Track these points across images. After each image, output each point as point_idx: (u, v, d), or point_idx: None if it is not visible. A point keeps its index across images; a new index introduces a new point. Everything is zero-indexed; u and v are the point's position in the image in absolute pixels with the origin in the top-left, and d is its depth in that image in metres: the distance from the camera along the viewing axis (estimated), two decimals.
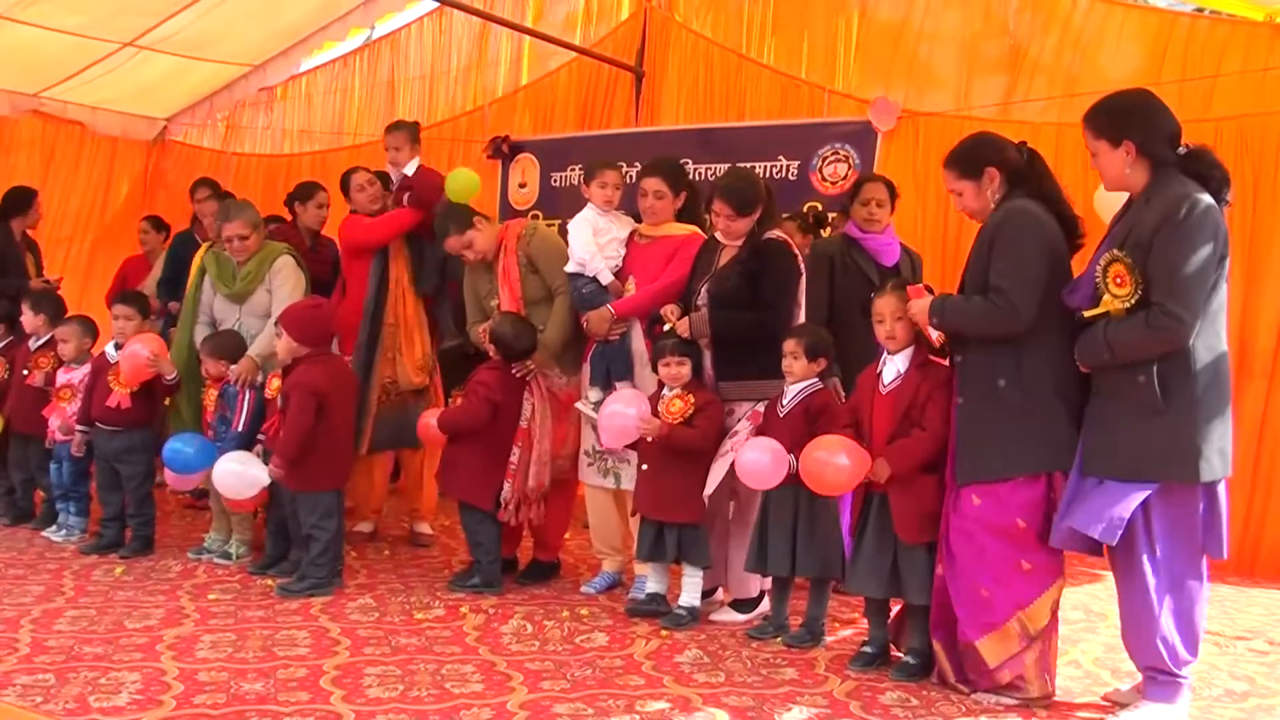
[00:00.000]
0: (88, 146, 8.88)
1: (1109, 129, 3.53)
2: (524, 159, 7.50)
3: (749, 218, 4.57)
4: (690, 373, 4.54)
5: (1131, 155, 3.49)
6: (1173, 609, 3.47)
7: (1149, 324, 3.34)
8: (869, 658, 3.99)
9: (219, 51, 8.28)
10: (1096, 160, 3.60)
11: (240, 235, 5.46)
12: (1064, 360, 3.60)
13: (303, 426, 4.75)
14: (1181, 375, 3.38)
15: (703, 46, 7.76)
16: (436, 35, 8.79)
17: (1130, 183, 3.55)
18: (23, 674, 3.63)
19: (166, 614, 4.40)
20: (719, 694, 3.66)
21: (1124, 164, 3.51)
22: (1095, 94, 5.83)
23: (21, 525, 5.90)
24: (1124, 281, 3.37)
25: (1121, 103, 3.62)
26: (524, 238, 5.12)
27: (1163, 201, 3.40)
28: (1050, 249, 3.64)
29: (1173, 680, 3.52)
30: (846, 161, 6.54)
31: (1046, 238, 3.65)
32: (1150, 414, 3.37)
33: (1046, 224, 3.66)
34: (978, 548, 3.64)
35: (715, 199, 4.60)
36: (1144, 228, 3.39)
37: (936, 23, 7.10)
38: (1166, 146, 3.49)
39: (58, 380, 5.71)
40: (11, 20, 7.12)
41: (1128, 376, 3.41)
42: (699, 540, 4.52)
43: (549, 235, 5.26)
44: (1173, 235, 3.34)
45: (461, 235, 5.08)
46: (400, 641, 4.14)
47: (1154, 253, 3.35)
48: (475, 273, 5.26)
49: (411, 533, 5.99)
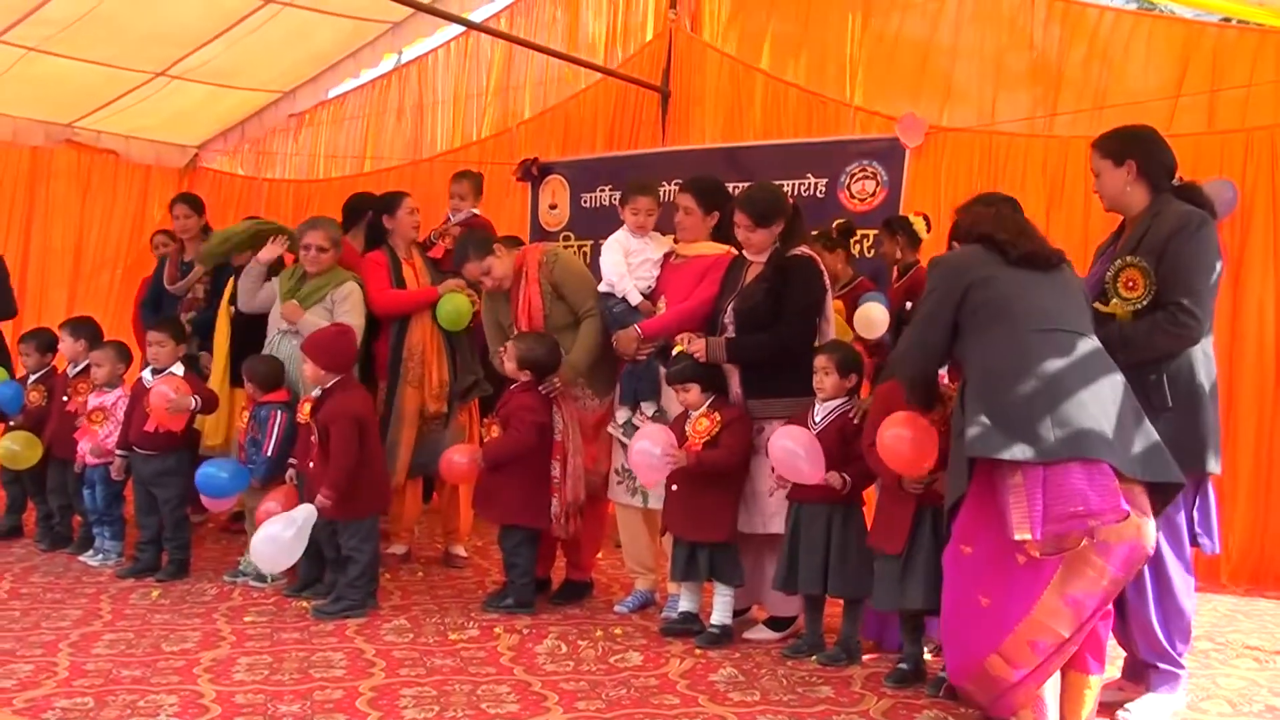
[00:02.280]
0: (122, 175, 8.99)
1: (1114, 148, 3.78)
2: (554, 180, 7.54)
3: (768, 229, 4.57)
4: (700, 394, 4.55)
5: (1132, 174, 3.72)
6: (1165, 600, 3.61)
7: (1169, 323, 3.54)
8: (904, 674, 3.97)
9: (249, 79, 8.39)
10: (1099, 181, 3.82)
11: (319, 246, 5.45)
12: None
13: (349, 456, 4.78)
14: (1187, 375, 3.59)
15: (728, 65, 7.78)
16: (463, 59, 8.86)
17: (1128, 201, 3.76)
18: (62, 697, 3.65)
19: (203, 637, 4.43)
20: (754, 712, 3.65)
21: (1124, 181, 3.74)
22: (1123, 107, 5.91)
23: (59, 550, 5.95)
24: (1136, 286, 3.57)
25: (1130, 129, 3.87)
26: (545, 265, 5.09)
27: (1174, 214, 3.62)
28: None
29: (1174, 670, 3.67)
30: (874, 178, 6.54)
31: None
32: (1159, 411, 3.49)
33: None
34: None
35: (735, 210, 4.63)
36: (1156, 237, 3.60)
37: (963, 38, 7.09)
38: (1163, 174, 3.74)
39: (89, 404, 5.77)
40: (45, 52, 7.24)
41: (1137, 375, 3.48)
42: (730, 559, 4.52)
43: (571, 261, 5.26)
44: (1189, 242, 3.57)
45: (480, 262, 5.08)
46: (435, 662, 4.14)
47: (1168, 258, 3.56)
48: (495, 300, 5.26)
49: (445, 554, 6.00)
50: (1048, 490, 3.16)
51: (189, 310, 6.35)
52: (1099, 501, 3.12)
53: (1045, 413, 3.23)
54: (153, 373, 5.55)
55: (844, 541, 4.24)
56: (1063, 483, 3.15)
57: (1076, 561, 3.22)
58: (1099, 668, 3.43)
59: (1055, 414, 3.21)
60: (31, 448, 5.97)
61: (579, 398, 5.05)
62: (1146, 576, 3.57)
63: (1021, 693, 3.36)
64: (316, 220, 5.67)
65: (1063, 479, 3.15)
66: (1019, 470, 3.21)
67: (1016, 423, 3.24)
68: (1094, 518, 3.13)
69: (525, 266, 5.12)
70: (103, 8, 6.81)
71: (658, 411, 4.85)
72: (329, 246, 5.49)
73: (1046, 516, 3.15)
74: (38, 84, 7.66)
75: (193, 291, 6.43)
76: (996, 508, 3.33)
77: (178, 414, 5.31)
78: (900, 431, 3.80)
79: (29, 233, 8.43)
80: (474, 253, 5.11)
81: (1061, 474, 3.16)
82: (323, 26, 7.74)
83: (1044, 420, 3.22)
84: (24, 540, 6.20)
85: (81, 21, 6.92)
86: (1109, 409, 3.26)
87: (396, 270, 5.75)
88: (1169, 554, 3.59)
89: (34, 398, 6.13)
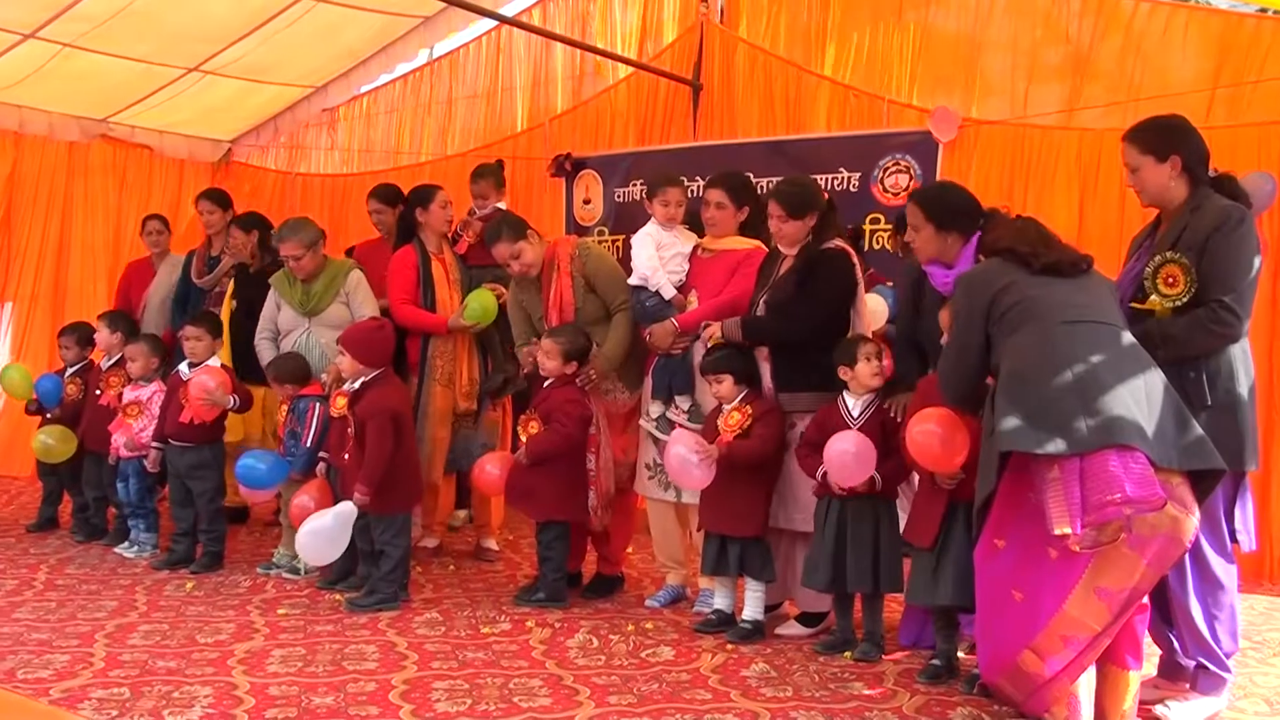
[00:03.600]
0: (157, 169, 9.04)
1: (1157, 144, 3.71)
2: (587, 175, 7.53)
3: (801, 221, 4.56)
4: (733, 386, 4.54)
5: (1177, 169, 3.67)
6: (1209, 597, 3.57)
7: (1210, 320, 3.51)
8: (937, 671, 3.95)
9: (282, 74, 8.41)
10: (1137, 175, 3.75)
11: (294, 256, 5.53)
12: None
13: (386, 452, 4.81)
14: (1226, 373, 3.56)
15: (760, 59, 7.73)
16: (495, 53, 8.85)
17: (1171, 196, 3.71)
18: (98, 688, 3.70)
19: (237, 628, 4.46)
20: (787, 708, 3.64)
21: (1169, 177, 3.68)
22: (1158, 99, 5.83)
23: (94, 542, 6.01)
24: (1176, 282, 3.53)
25: (1167, 122, 3.80)
26: (578, 258, 5.10)
27: (1215, 209, 3.59)
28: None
29: (1221, 674, 3.64)
30: (908, 172, 6.50)
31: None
32: (1198, 409, 3.45)
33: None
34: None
35: (768, 201, 4.62)
36: (1197, 232, 3.56)
37: (995, 31, 7.02)
38: (1201, 166, 3.71)
39: (124, 398, 5.82)
40: (81, 48, 7.30)
41: (1176, 373, 3.45)
42: (761, 554, 4.51)
43: (603, 254, 5.25)
44: (1230, 238, 3.53)
45: (512, 244, 5.07)
46: (467, 656, 4.16)
47: (1209, 255, 3.53)
48: (524, 289, 5.26)
49: (477, 548, 6.02)
50: (1085, 481, 3.15)
51: (217, 305, 6.39)
52: (1135, 489, 3.10)
53: (1077, 403, 3.21)
54: (189, 366, 5.60)
55: (888, 538, 4.24)
56: (1099, 471, 3.13)
57: (1109, 554, 3.21)
58: (1137, 664, 3.40)
59: (1087, 404, 3.19)
60: (66, 442, 6.03)
61: (610, 390, 5.06)
62: (1189, 573, 3.54)
63: (1055, 688, 3.34)
64: (283, 232, 5.64)
65: (1099, 468, 3.13)
66: (1055, 464, 3.19)
67: (1049, 416, 3.22)
68: (1130, 504, 3.10)
69: (556, 258, 5.12)
70: (137, 4, 6.83)
71: (693, 405, 4.84)
72: (304, 251, 5.52)
73: (1085, 507, 3.13)
74: (73, 80, 7.71)
75: (220, 285, 6.48)
76: (1029, 502, 3.31)
77: (212, 407, 5.36)
78: (928, 428, 3.79)
79: (67, 226, 8.50)
80: (507, 234, 5.10)
81: (1097, 463, 3.14)
82: (355, 21, 7.74)
83: (1076, 411, 3.20)
84: (60, 532, 6.28)
85: (116, 18, 6.96)
86: (1141, 398, 3.23)
87: (425, 267, 5.77)
88: (1210, 551, 3.56)
89: (71, 390, 6.21)
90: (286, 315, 5.66)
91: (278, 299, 5.70)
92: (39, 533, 6.25)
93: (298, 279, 5.60)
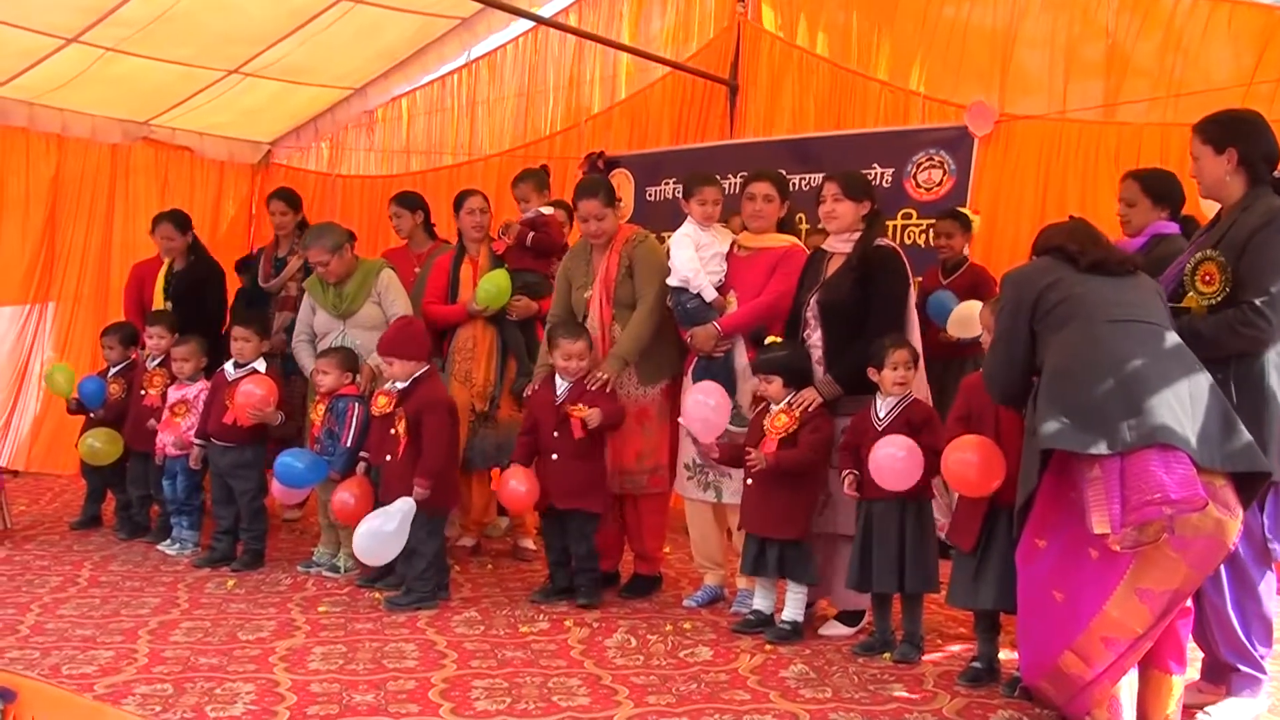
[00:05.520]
0: (198, 171, 9.13)
1: (1216, 134, 3.66)
2: (619, 174, 7.55)
3: (856, 203, 4.54)
4: (783, 388, 4.52)
5: (1232, 163, 3.63)
6: (1244, 598, 3.54)
7: (1239, 322, 3.44)
8: (977, 673, 3.93)
9: (321, 76, 8.47)
10: (1197, 165, 3.72)
11: (320, 262, 5.59)
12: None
13: (444, 443, 4.88)
14: (1256, 377, 3.49)
15: (796, 57, 7.72)
16: (532, 54, 8.88)
17: (1227, 190, 3.66)
18: (142, 684, 3.74)
19: (278, 626, 4.50)
20: (826, 710, 3.64)
21: (1224, 170, 3.63)
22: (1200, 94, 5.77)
23: (138, 539, 6.07)
24: (1212, 280, 3.48)
25: (1233, 114, 3.77)
26: (632, 241, 5.14)
27: (1263, 209, 3.52)
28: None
29: (1256, 674, 3.61)
30: (942, 167, 6.48)
31: None
32: None
33: None
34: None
35: (825, 182, 4.61)
36: (1241, 230, 3.51)
37: (1033, 26, 6.97)
38: (1264, 164, 3.62)
39: (169, 397, 5.88)
40: (122, 52, 7.38)
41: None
42: (803, 557, 4.48)
43: (655, 247, 5.24)
44: (1270, 240, 3.46)
45: (602, 206, 5.08)
46: (506, 654, 4.18)
47: (1248, 254, 3.47)
48: (577, 257, 5.27)
49: (514, 547, 6.04)
50: (1126, 480, 3.12)
51: (283, 309, 6.42)
52: (1177, 490, 3.07)
53: (1121, 403, 3.18)
54: (235, 366, 5.65)
55: (915, 537, 4.21)
56: (1140, 472, 3.10)
57: (1151, 555, 3.18)
58: (1180, 668, 3.38)
59: (1130, 404, 3.17)
60: (113, 444, 6.10)
61: (621, 385, 5.05)
62: (1224, 574, 3.51)
63: (1096, 691, 3.32)
64: (308, 239, 5.73)
65: (1140, 468, 3.11)
66: (1096, 464, 3.17)
67: (1092, 415, 3.20)
68: (1171, 505, 3.07)
69: (616, 238, 5.16)
70: (178, 8, 6.91)
71: (734, 408, 4.80)
72: (329, 256, 5.58)
73: (1125, 507, 3.10)
74: (115, 83, 7.80)
75: (286, 289, 6.50)
76: (1071, 502, 3.29)
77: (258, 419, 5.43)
78: (964, 456, 3.81)
79: (109, 228, 8.61)
80: (603, 195, 5.11)
81: (1139, 463, 3.11)
82: (394, 23, 7.80)
83: (1119, 411, 3.17)
84: (103, 529, 6.35)
85: (157, 22, 7.03)
86: (1185, 398, 3.20)
87: (455, 269, 5.86)
88: (1245, 553, 3.52)
89: (114, 390, 6.26)
90: (321, 318, 5.73)
91: (312, 303, 5.76)
92: (82, 530, 6.32)
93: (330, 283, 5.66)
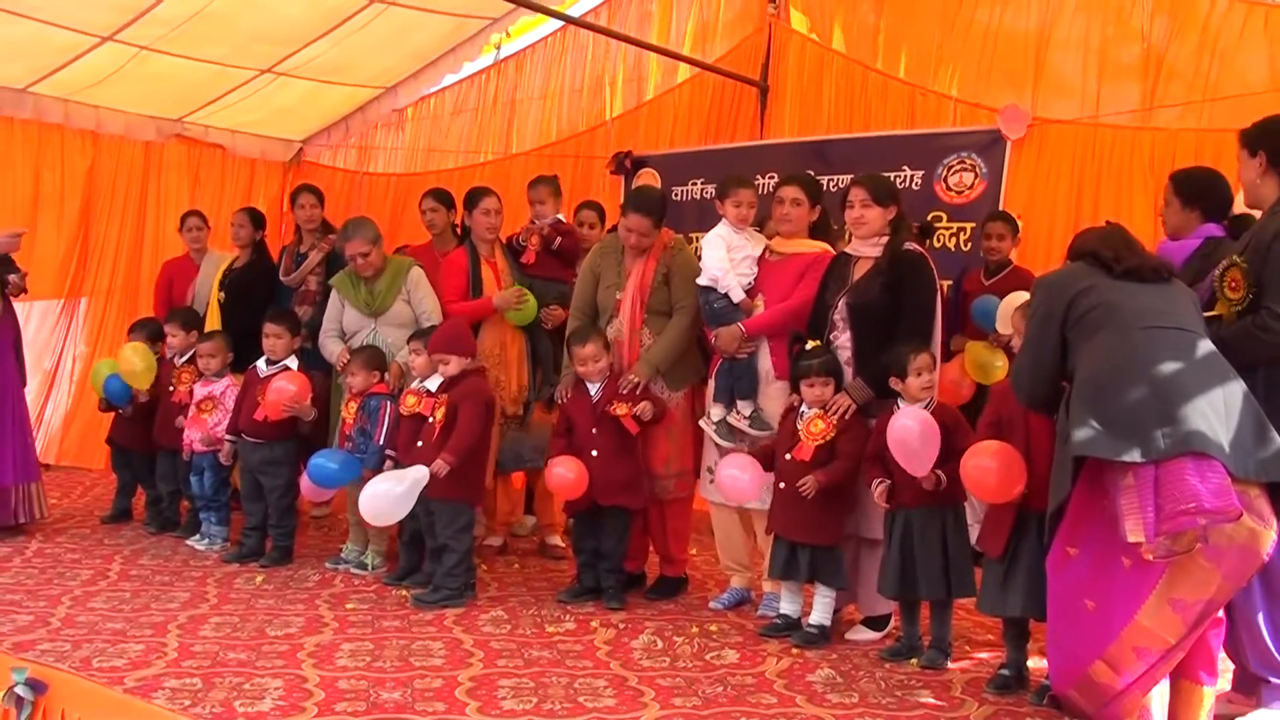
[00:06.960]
0: (229, 168, 9.21)
1: (1250, 138, 3.68)
2: (646, 174, 7.54)
3: (884, 209, 4.52)
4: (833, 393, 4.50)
5: (1262, 166, 3.63)
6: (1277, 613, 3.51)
7: (1257, 328, 3.45)
8: (1006, 681, 3.90)
9: (352, 75, 8.51)
10: (1240, 171, 3.71)
11: (361, 253, 5.59)
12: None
13: (476, 429, 4.93)
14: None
15: (827, 58, 7.69)
16: (560, 54, 8.89)
17: (1260, 194, 3.65)
18: (171, 678, 3.76)
19: (306, 622, 4.52)
20: (853, 715, 3.62)
21: (1255, 173, 3.66)
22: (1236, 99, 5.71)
23: (167, 534, 6.12)
24: (1238, 286, 3.48)
25: (1270, 118, 3.73)
26: (671, 249, 5.14)
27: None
28: None
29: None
30: (973, 171, 6.44)
31: None
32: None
33: None
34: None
35: (852, 188, 4.58)
36: (1265, 235, 3.49)
37: (1066, 29, 6.92)
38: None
39: (196, 393, 5.91)
40: (156, 51, 7.44)
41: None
42: (834, 562, 4.46)
43: (691, 256, 5.25)
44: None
45: (651, 225, 5.05)
46: (533, 654, 4.18)
47: (1270, 260, 3.45)
48: (605, 254, 5.25)
49: (541, 545, 6.06)
50: (1160, 489, 3.09)
51: (302, 304, 6.44)
52: (1211, 499, 3.03)
53: (1154, 411, 3.15)
54: (267, 363, 5.68)
55: (956, 544, 4.21)
56: (1175, 480, 3.07)
57: (1184, 564, 3.15)
58: (1211, 679, 3.35)
59: (1164, 412, 3.13)
60: (146, 359, 6.12)
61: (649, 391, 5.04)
62: (1255, 584, 3.46)
63: (1127, 701, 3.29)
64: (348, 231, 5.72)
65: (1175, 477, 3.07)
66: (1130, 472, 3.14)
67: (1125, 423, 3.17)
68: (1206, 515, 3.04)
69: (653, 245, 5.13)
70: (212, 8, 6.95)
71: (754, 411, 4.80)
72: (370, 247, 5.60)
73: (1159, 515, 3.07)
74: (149, 81, 7.86)
75: (305, 284, 6.51)
76: (1103, 510, 3.26)
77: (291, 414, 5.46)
78: (983, 462, 3.79)
79: (142, 224, 8.68)
80: (655, 216, 5.06)
81: (1173, 472, 3.08)
82: (425, 23, 7.82)
83: (1153, 419, 3.14)
84: (133, 524, 6.40)
85: (191, 21, 7.08)
86: (1220, 407, 3.17)
87: (475, 270, 5.81)
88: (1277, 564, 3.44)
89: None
90: (351, 316, 5.72)
91: (341, 299, 5.76)
92: (113, 524, 6.37)
93: (361, 280, 5.66)
